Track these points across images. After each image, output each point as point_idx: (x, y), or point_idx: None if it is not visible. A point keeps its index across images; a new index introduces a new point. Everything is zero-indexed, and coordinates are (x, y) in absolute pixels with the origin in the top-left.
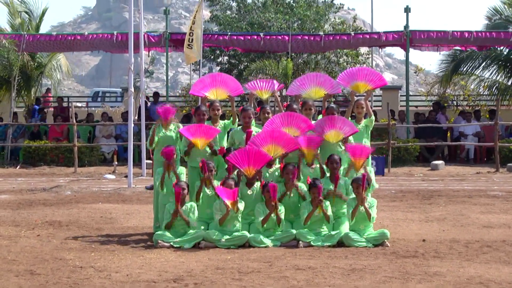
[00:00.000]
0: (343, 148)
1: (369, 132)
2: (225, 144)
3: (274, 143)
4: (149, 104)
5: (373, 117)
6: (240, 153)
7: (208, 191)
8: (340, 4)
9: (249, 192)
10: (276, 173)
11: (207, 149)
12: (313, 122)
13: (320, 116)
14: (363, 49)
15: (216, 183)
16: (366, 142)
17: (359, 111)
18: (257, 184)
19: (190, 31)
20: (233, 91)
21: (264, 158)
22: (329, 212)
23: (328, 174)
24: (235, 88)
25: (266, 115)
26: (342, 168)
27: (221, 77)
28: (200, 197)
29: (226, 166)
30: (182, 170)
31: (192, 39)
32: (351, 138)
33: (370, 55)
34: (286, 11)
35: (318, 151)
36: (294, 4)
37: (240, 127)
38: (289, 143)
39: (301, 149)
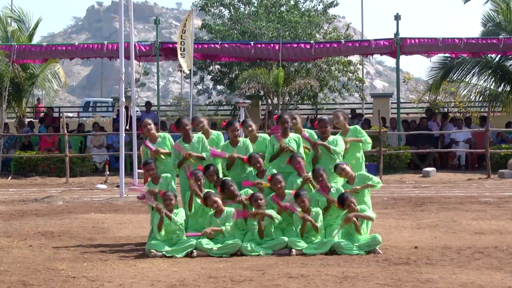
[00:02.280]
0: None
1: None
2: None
3: None
4: (140, 113)
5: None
6: None
7: (199, 200)
8: (333, 15)
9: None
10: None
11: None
12: (305, 130)
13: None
14: (354, 58)
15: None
16: (358, 152)
17: (337, 122)
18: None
19: (182, 40)
20: None
21: None
22: (319, 223)
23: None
24: None
25: (249, 129)
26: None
27: None
28: (192, 206)
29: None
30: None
31: (184, 48)
32: (340, 146)
33: (361, 64)
34: (278, 20)
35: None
36: (286, 13)
37: (228, 141)
38: None
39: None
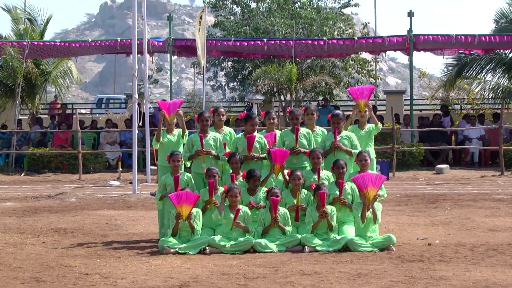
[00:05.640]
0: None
1: (372, 137)
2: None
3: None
4: (152, 110)
5: (379, 126)
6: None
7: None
8: (349, 15)
9: (252, 199)
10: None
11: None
12: (317, 127)
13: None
14: (368, 56)
15: (221, 189)
16: (370, 147)
17: (362, 115)
18: (262, 190)
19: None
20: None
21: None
22: (334, 221)
23: (333, 180)
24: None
25: (272, 120)
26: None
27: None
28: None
29: (231, 171)
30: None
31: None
32: (356, 143)
33: (375, 62)
34: (292, 16)
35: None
36: (300, 10)
37: (242, 133)
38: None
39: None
